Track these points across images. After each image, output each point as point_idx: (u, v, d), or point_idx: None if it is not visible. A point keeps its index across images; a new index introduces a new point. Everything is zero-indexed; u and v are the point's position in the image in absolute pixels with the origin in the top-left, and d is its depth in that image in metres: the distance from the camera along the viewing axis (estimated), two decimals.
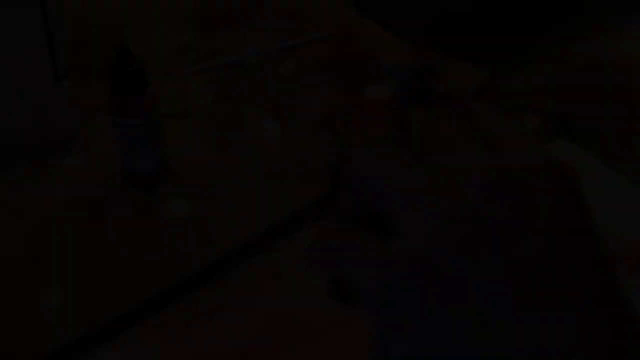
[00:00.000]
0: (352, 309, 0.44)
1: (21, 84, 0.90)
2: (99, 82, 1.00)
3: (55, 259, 0.83)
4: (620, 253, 0.81)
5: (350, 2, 1.11)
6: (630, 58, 1.27)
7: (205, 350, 0.77)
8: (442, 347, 0.38)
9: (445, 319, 0.38)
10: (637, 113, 1.21)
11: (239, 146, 0.92)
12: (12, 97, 0.91)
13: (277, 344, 0.77)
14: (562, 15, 1.30)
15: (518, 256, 0.37)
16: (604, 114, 1.22)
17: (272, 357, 0.76)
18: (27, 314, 0.79)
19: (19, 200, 0.89)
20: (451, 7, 1.26)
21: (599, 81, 1.27)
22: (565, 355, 0.37)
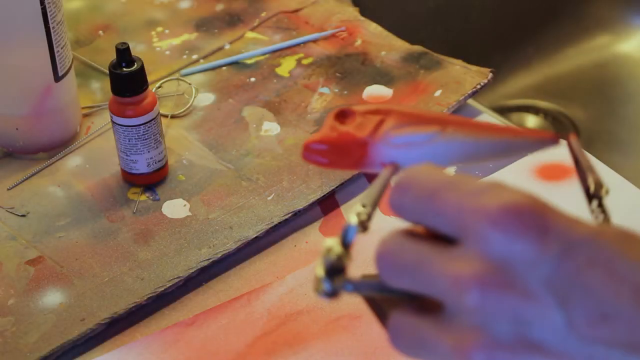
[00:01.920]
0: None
1: (21, 84, 0.90)
2: (99, 82, 1.00)
3: (54, 258, 0.83)
4: None
5: (351, 1, 1.10)
6: (630, 58, 1.26)
7: (205, 350, 0.77)
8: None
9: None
10: (637, 113, 1.21)
11: (239, 146, 0.92)
12: (12, 97, 0.91)
13: (278, 344, 0.77)
14: (562, 15, 1.29)
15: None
16: (604, 114, 1.21)
17: (273, 357, 0.76)
18: (26, 313, 0.79)
19: (18, 200, 0.89)
20: (452, 7, 1.26)
21: (598, 81, 1.27)
22: None
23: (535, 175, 0.88)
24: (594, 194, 0.55)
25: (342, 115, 0.57)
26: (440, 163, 0.54)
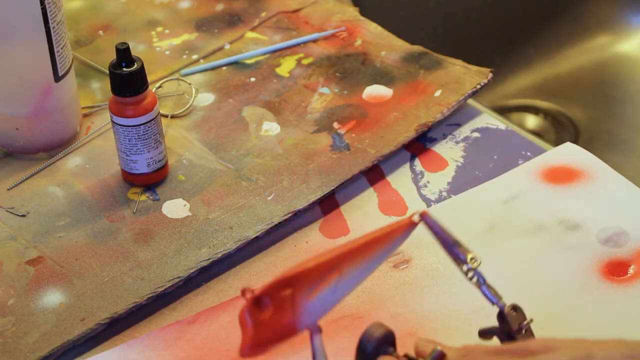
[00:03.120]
0: None
1: (21, 84, 0.90)
2: (99, 82, 1.00)
3: (54, 258, 0.83)
4: (626, 255, 0.81)
5: (351, 1, 1.10)
6: (631, 58, 1.26)
7: (206, 348, 0.77)
8: None
9: None
10: (637, 113, 1.21)
11: (239, 146, 0.92)
12: (12, 97, 0.91)
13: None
14: (562, 15, 1.29)
15: None
16: (604, 114, 1.21)
17: (273, 356, 0.76)
18: (26, 313, 0.79)
19: (18, 200, 0.89)
20: (452, 7, 1.26)
21: (598, 81, 1.27)
22: None
23: (542, 179, 0.88)
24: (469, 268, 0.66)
25: (257, 305, 0.64)
26: (347, 291, 0.66)
